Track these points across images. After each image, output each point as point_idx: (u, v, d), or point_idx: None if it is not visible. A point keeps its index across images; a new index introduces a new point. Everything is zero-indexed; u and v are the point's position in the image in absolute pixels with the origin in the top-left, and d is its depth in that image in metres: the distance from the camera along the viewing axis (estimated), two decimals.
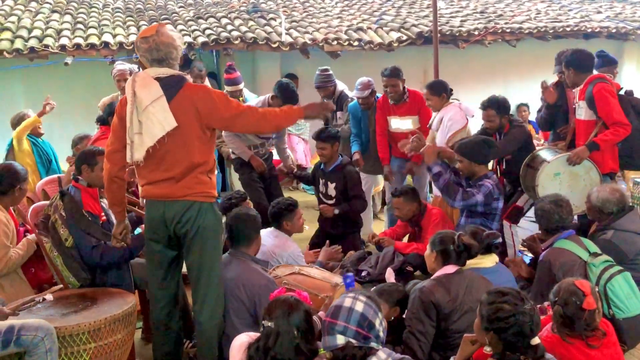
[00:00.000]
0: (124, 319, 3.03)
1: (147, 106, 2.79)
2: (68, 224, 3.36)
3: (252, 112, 3.03)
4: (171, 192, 2.89)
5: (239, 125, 3.11)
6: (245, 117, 2.98)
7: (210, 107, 2.88)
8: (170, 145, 2.84)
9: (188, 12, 8.75)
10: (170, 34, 2.89)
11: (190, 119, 2.85)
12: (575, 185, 4.25)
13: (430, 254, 3.09)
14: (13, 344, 2.67)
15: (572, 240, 3.47)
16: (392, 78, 5.06)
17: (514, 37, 8.46)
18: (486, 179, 4.11)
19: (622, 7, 10.49)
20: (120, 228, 3.20)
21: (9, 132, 5.79)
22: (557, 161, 4.27)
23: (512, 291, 2.34)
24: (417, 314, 2.86)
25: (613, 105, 4.14)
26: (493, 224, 4.10)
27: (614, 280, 3.25)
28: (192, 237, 2.95)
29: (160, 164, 2.90)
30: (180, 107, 2.82)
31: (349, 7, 9.85)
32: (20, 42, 6.70)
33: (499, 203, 4.11)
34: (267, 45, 7.41)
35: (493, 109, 4.48)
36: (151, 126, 2.79)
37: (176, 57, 2.91)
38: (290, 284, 3.32)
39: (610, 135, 4.15)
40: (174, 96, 2.82)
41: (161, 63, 2.86)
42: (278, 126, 3.33)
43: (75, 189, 3.47)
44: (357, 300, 2.25)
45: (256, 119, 3.01)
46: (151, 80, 2.83)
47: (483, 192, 4.02)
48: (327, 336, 2.22)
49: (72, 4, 8.70)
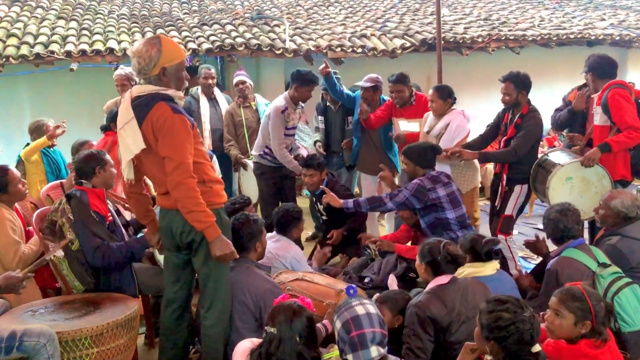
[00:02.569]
0: (126, 324, 3.03)
1: (120, 129, 2.88)
2: (75, 226, 3.38)
3: (184, 171, 2.76)
4: (174, 202, 2.90)
5: (166, 166, 2.79)
6: (176, 167, 2.75)
7: (159, 134, 2.78)
8: (148, 165, 2.93)
9: (193, 19, 8.80)
10: (138, 46, 2.82)
11: (154, 141, 2.83)
12: (586, 192, 4.22)
13: (420, 265, 3.08)
14: (16, 350, 2.67)
15: (581, 249, 3.43)
16: (398, 84, 5.10)
17: (518, 44, 8.48)
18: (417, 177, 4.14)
19: (625, 14, 10.49)
20: (155, 238, 3.25)
21: (15, 136, 5.83)
22: (571, 166, 4.24)
23: (511, 299, 2.33)
24: (415, 330, 2.82)
25: (626, 110, 4.11)
26: (447, 213, 4.03)
27: (621, 294, 3.19)
28: (198, 244, 2.97)
29: (153, 179, 3.03)
30: (148, 130, 2.81)
31: (352, 13, 9.88)
32: (26, 48, 6.75)
33: (436, 192, 4.03)
34: (271, 51, 7.45)
35: (512, 82, 4.47)
36: (124, 148, 2.88)
37: (143, 69, 2.81)
38: (294, 290, 3.32)
39: (623, 138, 4.11)
40: (143, 118, 2.80)
41: (139, 75, 2.89)
42: (184, 205, 2.81)
43: (81, 192, 3.48)
44: (365, 305, 2.30)
45: (178, 180, 2.75)
46: (128, 101, 2.85)
47: (409, 188, 4.02)
48: (361, 351, 2.21)
49: (77, 11, 8.76)
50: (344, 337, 2.26)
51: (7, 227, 3.51)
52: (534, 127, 4.41)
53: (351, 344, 2.23)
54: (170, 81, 2.86)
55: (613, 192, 3.84)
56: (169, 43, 2.87)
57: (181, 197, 2.79)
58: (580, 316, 2.53)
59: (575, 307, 2.53)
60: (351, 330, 2.23)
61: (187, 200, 2.79)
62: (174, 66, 2.85)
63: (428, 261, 3.01)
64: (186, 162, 2.78)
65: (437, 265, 2.99)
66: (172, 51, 2.84)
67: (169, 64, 2.83)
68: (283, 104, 5.01)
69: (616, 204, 3.69)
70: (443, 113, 4.80)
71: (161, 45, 2.80)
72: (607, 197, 3.77)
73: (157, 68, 2.80)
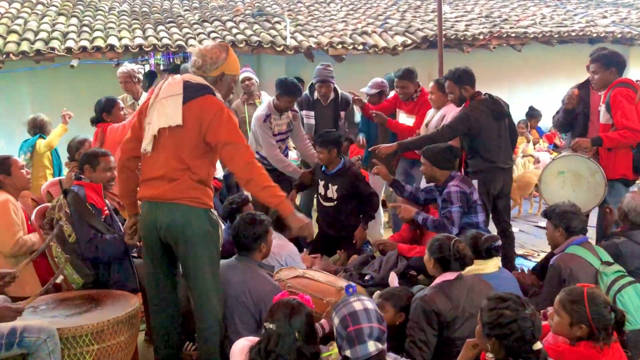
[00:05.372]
0: (127, 321, 3.03)
1: (162, 98, 2.92)
2: (72, 219, 3.38)
3: (245, 153, 2.93)
4: (162, 192, 2.90)
5: (224, 153, 2.92)
6: (237, 149, 2.90)
7: (214, 120, 2.88)
8: (167, 141, 2.91)
9: (193, 15, 8.79)
10: (211, 49, 2.99)
11: (194, 125, 2.89)
12: (578, 186, 4.22)
13: (429, 259, 3.08)
14: (16, 345, 2.67)
15: (585, 247, 3.42)
16: (403, 80, 5.13)
17: (519, 41, 8.47)
18: (449, 183, 4.02)
19: (627, 12, 10.48)
20: (130, 222, 3.23)
21: (16, 132, 5.85)
22: (563, 159, 4.26)
23: (513, 296, 2.33)
24: (419, 323, 2.83)
25: (625, 110, 4.08)
26: (479, 217, 4.03)
27: (624, 292, 3.19)
28: (185, 243, 2.93)
29: (157, 160, 2.94)
30: (192, 111, 2.89)
31: (354, 10, 9.87)
32: (27, 45, 6.75)
33: (473, 196, 4.03)
34: (272, 48, 7.44)
35: (451, 80, 4.42)
36: (159, 116, 2.90)
37: (205, 67, 2.95)
38: (294, 288, 3.31)
39: (617, 136, 4.09)
40: (190, 99, 2.90)
41: (194, 69, 3.00)
42: (252, 184, 2.95)
43: (78, 187, 3.52)
44: (363, 301, 2.30)
45: (243, 161, 2.90)
46: (180, 80, 2.96)
47: (455, 199, 3.94)
48: (358, 346, 2.21)
49: (78, 7, 8.76)
50: (341, 332, 2.26)
51: (9, 209, 3.53)
52: (459, 118, 4.35)
53: (349, 339, 2.23)
54: (222, 87, 3.03)
55: (635, 192, 3.84)
56: (233, 55, 3.05)
57: (255, 175, 2.91)
58: (576, 319, 2.50)
59: (572, 310, 2.52)
60: (349, 325, 2.23)
61: (262, 177, 2.92)
62: (230, 76, 3.06)
63: (437, 257, 3.01)
64: (246, 144, 3.01)
65: (446, 262, 2.99)
66: (234, 63, 3.05)
67: (228, 72, 3.03)
68: (265, 112, 4.92)
69: (627, 203, 3.69)
70: (441, 105, 4.81)
71: (228, 54, 3.01)
72: (628, 194, 3.79)
73: (218, 70, 2.98)
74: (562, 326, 2.54)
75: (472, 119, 4.30)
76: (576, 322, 2.51)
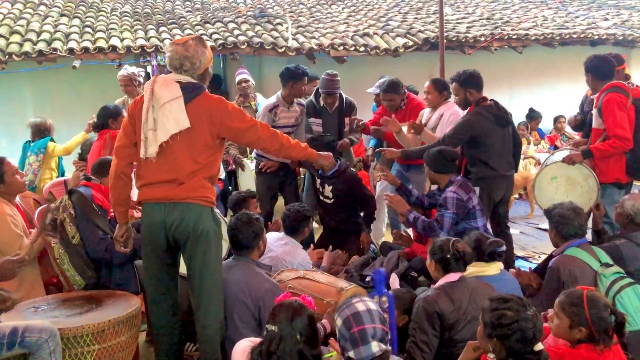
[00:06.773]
0: (128, 321, 3.04)
1: (164, 103, 2.90)
2: (77, 220, 3.38)
3: (263, 127, 3.14)
4: (173, 194, 2.90)
5: (248, 138, 3.13)
6: (255, 130, 3.09)
7: (223, 115, 2.97)
8: (179, 145, 2.91)
9: (195, 17, 8.80)
10: (193, 48, 2.98)
11: (203, 124, 2.92)
12: (571, 191, 4.23)
13: (430, 263, 3.09)
14: (17, 345, 2.68)
15: (584, 248, 3.43)
16: (389, 93, 5.15)
17: (521, 43, 8.46)
18: (448, 188, 4.03)
19: (629, 14, 10.47)
20: (122, 230, 3.15)
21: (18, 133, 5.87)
22: (555, 165, 4.29)
23: (515, 297, 2.33)
24: (421, 324, 2.84)
25: (616, 117, 4.10)
26: (478, 222, 4.04)
27: (623, 293, 3.19)
28: (194, 241, 2.94)
29: (165, 164, 2.92)
30: (195, 111, 2.91)
31: (355, 12, 9.87)
32: (29, 46, 6.76)
33: (472, 202, 4.03)
34: (273, 50, 7.45)
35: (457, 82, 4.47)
36: (166, 122, 2.89)
37: (190, 70, 2.98)
38: (295, 289, 3.32)
39: (607, 146, 4.13)
40: (191, 100, 2.93)
41: (177, 70, 3.00)
42: (283, 149, 3.23)
43: (85, 187, 3.53)
44: (366, 302, 2.31)
45: (267, 135, 3.13)
46: (172, 82, 2.96)
47: (451, 205, 3.95)
48: (362, 346, 2.21)
49: (80, 8, 8.77)
50: (344, 334, 2.26)
51: (8, 222, 3.48)
52: (459, 125, 4.35)
53: (352, 340, 2.23)
54: (206, 80, 3.11)
55: (635, 194, 3.84)
56: (208, 45, 3.10)
57: (282, 140, 3.18)
58: (575, 322, 2.50)
59: (572, 312, 2.52)
60: (352, 326, 2.24)
61: (285, 139, 3.20)
62: (210, 67, 3.12)
63: (438, 258, 3.02)
64: (258, 122, 3.19)
65: (446, 263, 3.00)
66: (210, 54, 3.09)
67: (209, 64, 3.09)
68: (273, 102, 5.02)
69: (628, 205, 3.68)
70: (438, 105, 4.82)
71: (206, 47, 3.06)
72: (626, 197, 3.78)
73: (203, 68, 3.04)
74: (562, 329, 2.54)
75: (473, 124, 4.30)
76: (576, 325, 2.51)
